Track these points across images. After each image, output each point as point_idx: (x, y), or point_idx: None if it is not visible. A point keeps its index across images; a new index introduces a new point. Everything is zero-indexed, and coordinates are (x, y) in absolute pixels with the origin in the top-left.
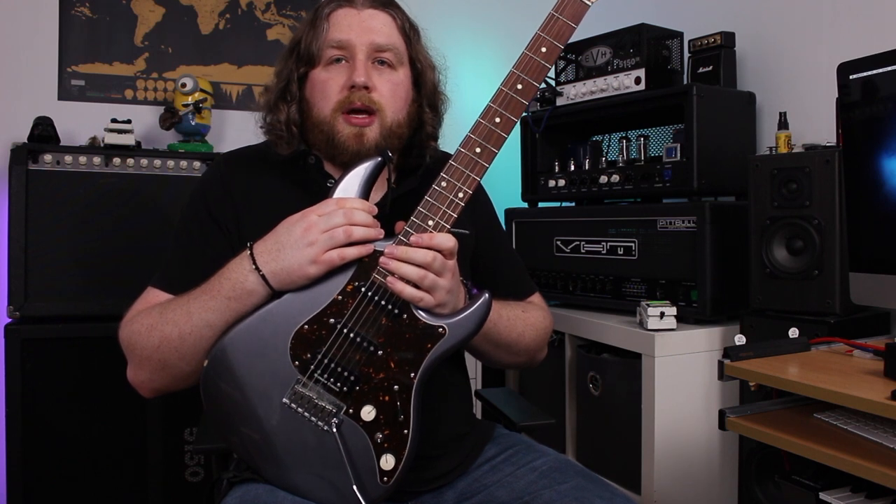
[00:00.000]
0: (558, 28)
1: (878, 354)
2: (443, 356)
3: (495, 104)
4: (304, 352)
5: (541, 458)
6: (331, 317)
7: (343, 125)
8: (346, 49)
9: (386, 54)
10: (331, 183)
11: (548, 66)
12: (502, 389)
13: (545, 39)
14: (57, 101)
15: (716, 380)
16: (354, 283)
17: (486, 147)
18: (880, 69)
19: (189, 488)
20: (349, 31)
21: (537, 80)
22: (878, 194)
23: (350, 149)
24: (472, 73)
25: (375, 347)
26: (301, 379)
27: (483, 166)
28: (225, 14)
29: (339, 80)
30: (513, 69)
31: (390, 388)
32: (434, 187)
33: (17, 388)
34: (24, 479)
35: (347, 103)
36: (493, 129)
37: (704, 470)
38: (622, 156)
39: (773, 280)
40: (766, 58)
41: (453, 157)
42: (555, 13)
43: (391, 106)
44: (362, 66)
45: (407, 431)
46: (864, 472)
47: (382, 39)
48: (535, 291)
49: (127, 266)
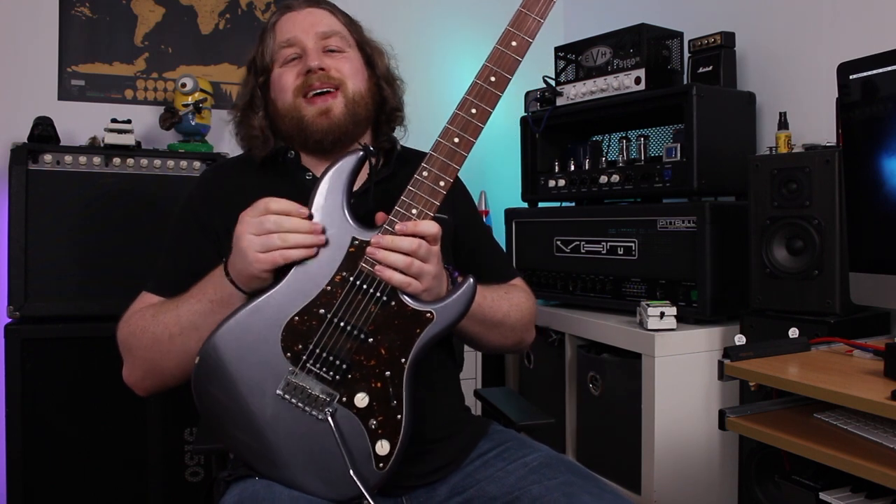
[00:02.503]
0: (527, 23)
1: (878, 354)
2: (432, 341)
3: (470, 96)
4: (296, 343)
5: (532, 454)
6: (321, 307)
7: (306, 107)
8: (295, 45)
9: (332, 40)
10: (309, 176)
11: (518, 58)
12: (502, 389)
13: (514, 34)
14: (57, 101)
15: (716, 380)
16: (342, 273)
17: (464, 137)
18: (880, 69)
19: (189, 488)
20: (294, 28)
21: (509, 72)
22: (878, 194)
23: (320, 127)
24: (472, 73)
25: (366, 335)
26: (293, 370)
27: (462, 155)
28: (225, 14)
29: (295, 70)
30: (486, 63)
31: (382, 375)
32: (416, 177)
33: (17, 388)
34: (24, 479)
35: (306, 87)
36: (470, 120)
37: (704, 470)
38: (622, 156)
39: (773, 280)
40: (766, 58)
41: (433, 148)
42: (522, 9)
43: (351, 78)
44: (313, 51)
45: (400, 416)
46: (863, 471)
47: (325, 27)
48: (517, 275)
49: (127, 266)
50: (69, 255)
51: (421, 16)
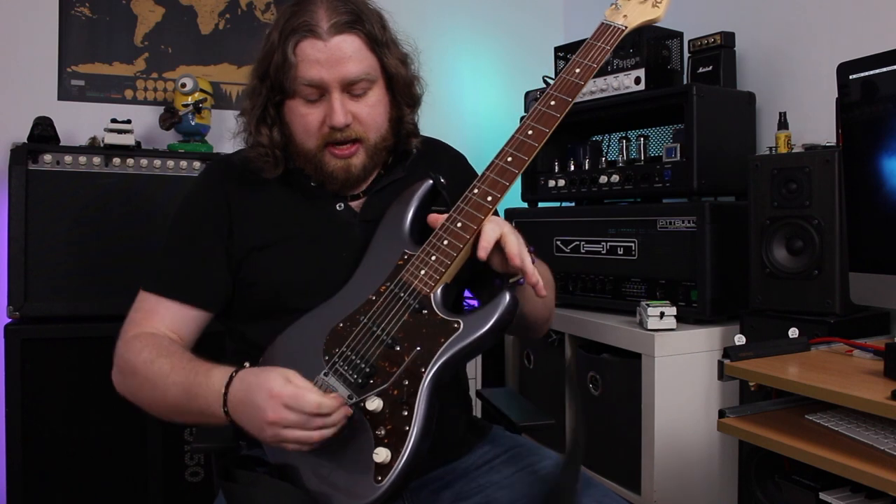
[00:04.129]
0: (591, 52)
1: (878, 354)
2: (458, 354)
3: (530, 119)
4: (334, 346)
5: (541, 462)
6: (361, 314)
7: (329, 158)
8: (319, 87)
9: (359, 86)
10: (341, 207)
11: (581, 83)
12: (502, 389)
13: (579, 62)
14: (57, 101)
15: (716, 380)
16: (387, 283)
17: (518, 156)
18: (880, 69)
19: (189, 488)
20: (319, 68)
21: (570, 96)
22: (878, 194)
23: (339, 179)
24: (472, 72)
25: (394, 342)
26: (326, 370)
27: (513, 173)
28: (225, 14)
29: (318, 116)
30: (549, 90)
31: (400, 383)
32: (466, 193)
33: (17, 388)
34: (24, 479)
35: (330, 139)
36: (526, 140)
37: (704, 470)
38: (622, 156)
39: (773, 280)
40: (766, 58)
41: (487, 167)
42: (591, 40)
43: (372, 128)
44: (339, 105)
45: (408, 428)
46: (858, 475)
47: (353, 71)
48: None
49: (127, 266)
50: (69, 255)
51: (421, 15)
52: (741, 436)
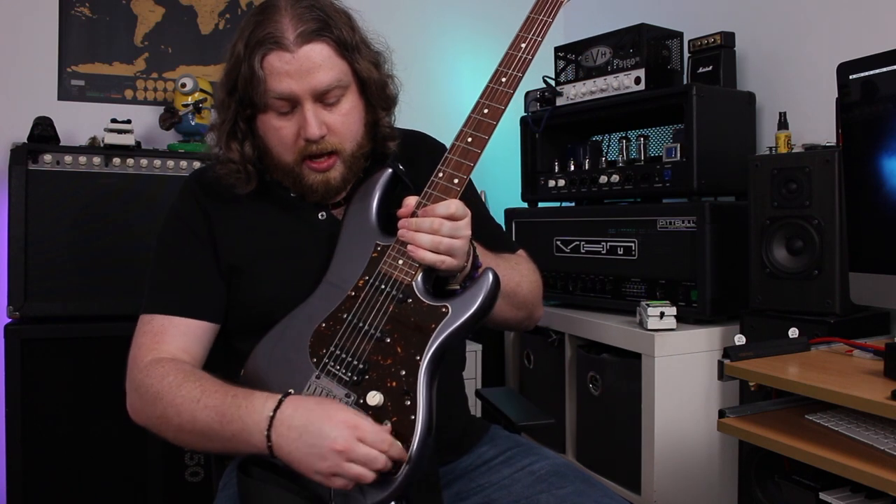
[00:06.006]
0: (536, 26)
1: (878, 354)
2: (450, 338)
3: (483, 98)
4: (320, 348)
5: (540, 462)
6: (344, 312)
7: (308, 172)
8: (290, 100)
9: (331, 94)
10: (323, 216)
11: (529, 57)
12: (502, 389)
13: (524, 36)
14: (57, 101)
15: (716, 380)
16: (365, 277)
17: (477, 136)
18: (880, 69)
19: (189, 488)
20: (289, 80)
21: (520, 71)
22: (878, 194)
23: (318, 192)
24: (472, 72)
25: (383, 334)
26: (317, 373)
27: (475, 153)
28: (225, 14)
29: (293, 129)
30: (498, 66)
31: (397, 374)
32: (432, 178)
33: (17, 388)
34: (24, 479)
35: (307, 152)
36: (483, 120)
37: (704, 470)
38: (622, 156)
39: (773, 280)
40: (766, 58)
41: (449, 150)
42: (532, 14)
43: (348, 138)
44: (312, 117)
45: (414, 417)
46: (857, 475)
47: (324, 80)
48: (519, 248)
49: (127, 266)
50: (69, 255)
51: (421, 15)
52: (741, 436)
